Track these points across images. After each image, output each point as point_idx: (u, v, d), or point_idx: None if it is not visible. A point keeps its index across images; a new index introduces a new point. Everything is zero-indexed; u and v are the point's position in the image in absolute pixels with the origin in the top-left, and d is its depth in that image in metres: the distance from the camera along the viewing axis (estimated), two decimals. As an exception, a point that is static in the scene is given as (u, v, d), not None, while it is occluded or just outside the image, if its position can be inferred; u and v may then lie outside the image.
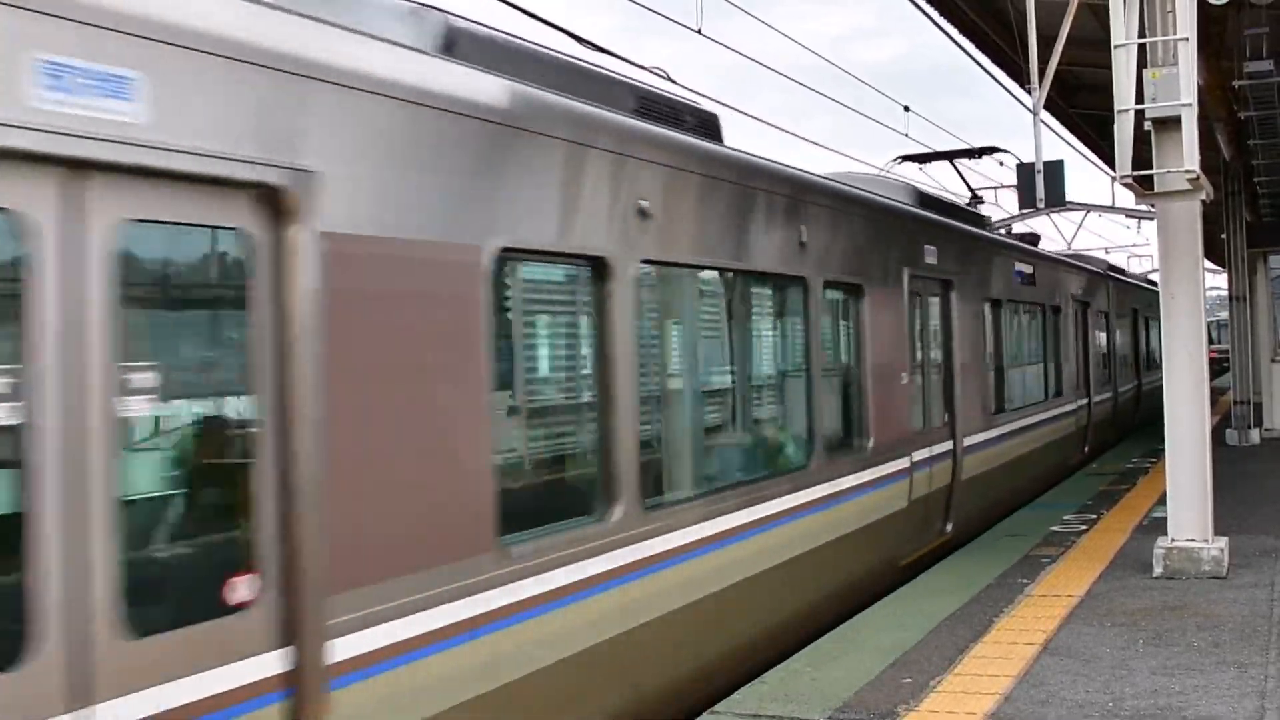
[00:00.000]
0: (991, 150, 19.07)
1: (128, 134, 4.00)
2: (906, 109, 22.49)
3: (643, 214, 7.16)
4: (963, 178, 20.22)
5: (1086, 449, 20.95)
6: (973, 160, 20.14)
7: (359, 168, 5.01)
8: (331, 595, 4.72)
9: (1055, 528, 13.53)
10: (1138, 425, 27.65)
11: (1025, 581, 10.60)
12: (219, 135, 4.35)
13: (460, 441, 5.54)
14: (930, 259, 12.47)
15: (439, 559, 5.35)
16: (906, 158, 19.98)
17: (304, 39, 4.85)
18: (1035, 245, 19.70)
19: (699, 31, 13.48)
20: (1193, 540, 10.53)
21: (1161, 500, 11.73)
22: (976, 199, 19.80)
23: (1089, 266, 23.12)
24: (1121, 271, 30.97)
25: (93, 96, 3.92)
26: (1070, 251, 32.24)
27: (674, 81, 13.43)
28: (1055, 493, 16.83)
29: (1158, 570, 10.48)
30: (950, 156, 19.51)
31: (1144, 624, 8.88)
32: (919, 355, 12.12)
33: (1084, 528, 13.40)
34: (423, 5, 6.41)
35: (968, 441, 13.36)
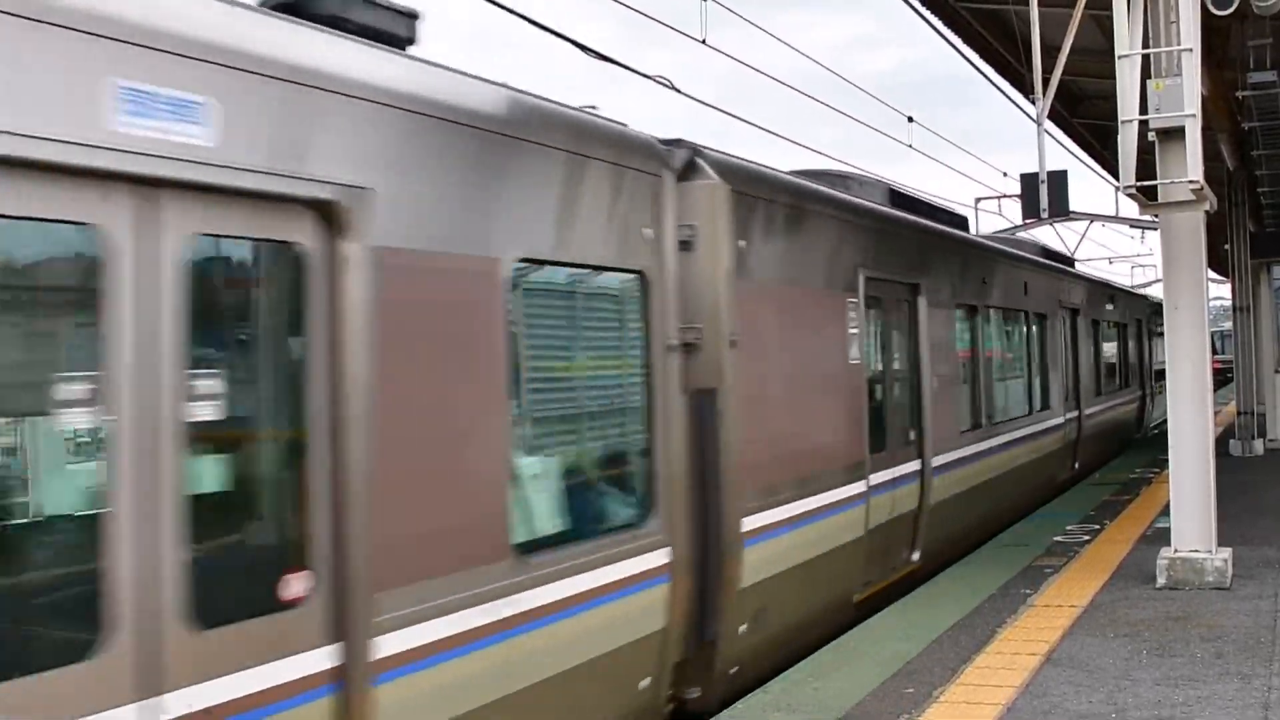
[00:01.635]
0: None
1: None
2: (910, 119, 22.51)
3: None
4: None
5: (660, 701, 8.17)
6: None
7: None
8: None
9: (1058, 538, 13.52)
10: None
11: (1028, 592, 10.59)
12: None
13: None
14: None
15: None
16: None
17: None
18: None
19: (703, 42, 13.50)
20: (1196, 551, 10.51)
21: (1165, 511, 11.73)
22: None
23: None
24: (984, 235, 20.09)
25: None
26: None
27: (678, 90, 13.47)
28: (1058, 502, 16.82)
29: (1161, 581, 10.46)
30: None
31: (1147, 635, 8.87)
32: None
33: (1087, 538, 13.39)
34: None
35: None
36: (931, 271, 12.75)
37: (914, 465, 11.93)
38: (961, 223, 15.68)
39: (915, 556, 11.95)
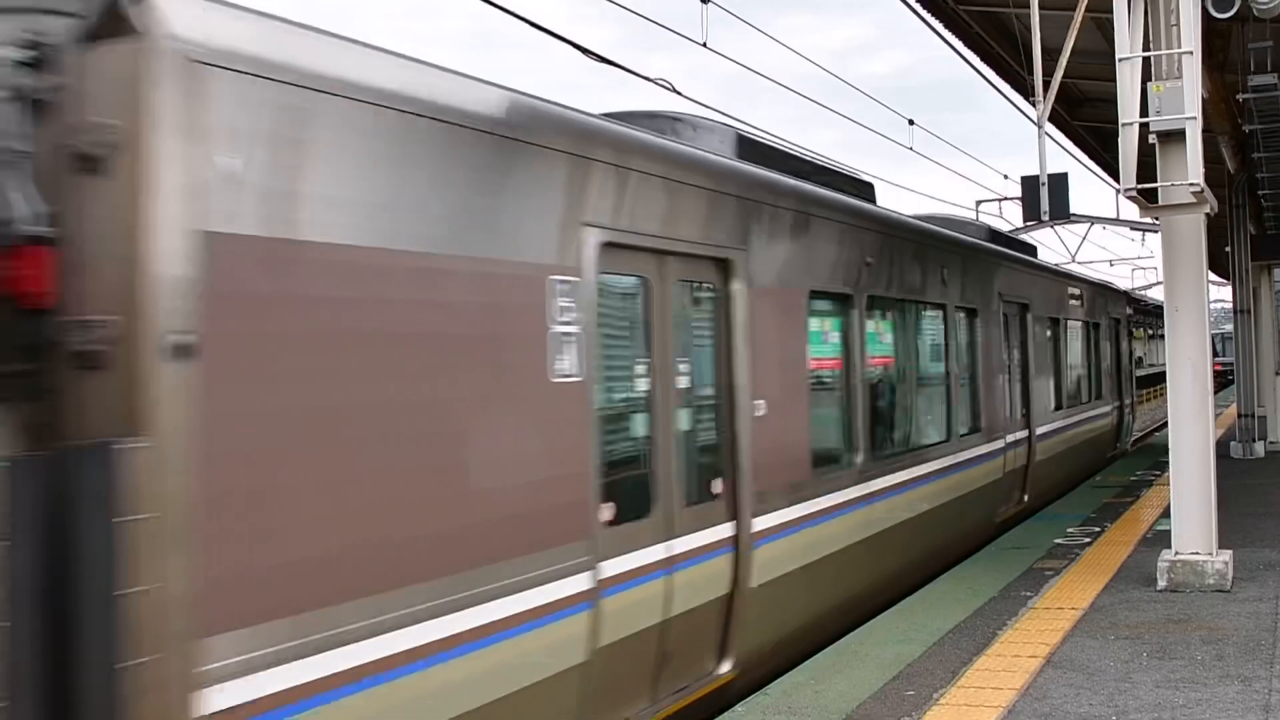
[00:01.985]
0: None
1: None
2: (911, 122, 22.53)
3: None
4: None
5: None
6: None
7: None
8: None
9: (1059, 540, 13.52)
10: None
11: (1029, 594, 10.59)
12: None
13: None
14: None
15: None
16: None
17: None
18: None
19: (704, 45, 13.52)
20: (1197, 553, 10.51)
21: (1165, 513, 11.73)
22: None
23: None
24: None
25: None
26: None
27: (679, 93, 13.48)
28: (1059, 505, 16.83)
29: (1161, 583, 10.46)
30: None
31: (1147, 637, 8.87)
32: None
33: (1088, 540, 13.39)
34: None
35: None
36: (763, 244, 8.66)
37: (721, 532, 7.93)
38: (862, 188, 11.67)
39: (725, 668, 8.02)
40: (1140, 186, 10.43)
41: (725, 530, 7.98)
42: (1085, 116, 20.48)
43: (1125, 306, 26.30)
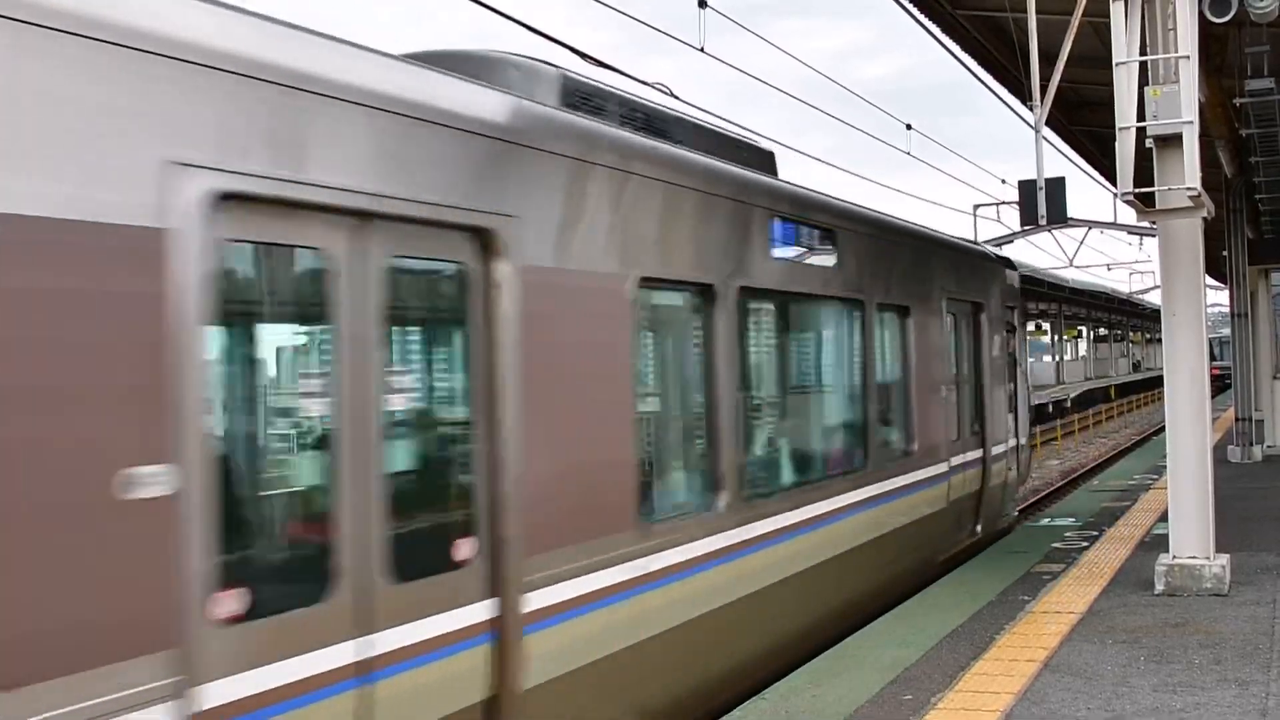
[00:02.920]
0: None
1: None
2: (909, 126, 22.55)
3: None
4: None
5: None
6: None
7: None
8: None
9: (1057, 544, 13.54)
10: None
11: (1026, 598, 10.60)
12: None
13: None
14: None
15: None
16: None
17: None
18: None
19: (702, 50, 13.53)
20: (1194, 557, 10.52)
21: (1163, 517, 11.73)
22: None
23: None
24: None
25: None
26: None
27: (676, 97, 13.50)
28: (1056, 508, 16.83)
29: (1159, 587, 10.47)
30: None
31: (1145, 641, 8.87)
32: None
33: (1085, 544, 13.39)
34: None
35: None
36: None
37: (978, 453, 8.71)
38: None
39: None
40: (1137, 191, 10.44)
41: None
42: (1083, 121, 20.51)
43: (1011, 287, 16.08)
